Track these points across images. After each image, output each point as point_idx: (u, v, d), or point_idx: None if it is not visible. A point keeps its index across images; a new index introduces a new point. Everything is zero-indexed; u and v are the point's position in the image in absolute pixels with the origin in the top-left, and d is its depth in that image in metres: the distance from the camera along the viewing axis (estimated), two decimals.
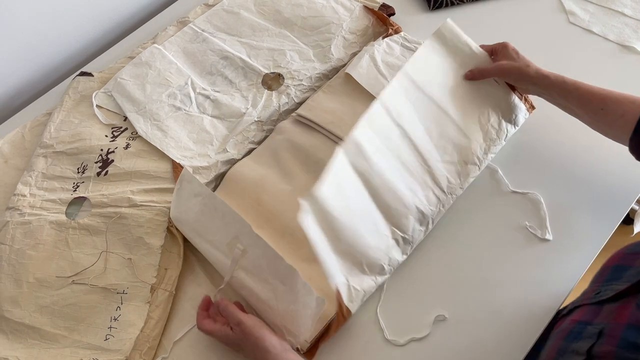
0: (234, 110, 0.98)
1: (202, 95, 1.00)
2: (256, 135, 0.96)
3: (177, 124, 0.96)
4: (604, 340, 0.56)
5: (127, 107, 0.98)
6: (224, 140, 0.95)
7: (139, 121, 0.96)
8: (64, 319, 0.80)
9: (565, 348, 0.60)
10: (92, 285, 0.81)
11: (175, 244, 0.86)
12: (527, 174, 0.92)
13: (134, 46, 1.11)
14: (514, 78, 0.89)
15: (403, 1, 1.17)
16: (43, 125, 1.01)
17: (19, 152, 0.99)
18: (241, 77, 1.02)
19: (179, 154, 0.93)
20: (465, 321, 0.80)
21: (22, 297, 0.81)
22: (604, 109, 0.80)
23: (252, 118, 0.96)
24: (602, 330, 0.57)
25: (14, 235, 0.86)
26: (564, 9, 1.15)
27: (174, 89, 1.00)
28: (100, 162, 0.93)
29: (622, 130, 0.79)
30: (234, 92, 1.00)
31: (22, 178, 0.93)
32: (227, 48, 1.06)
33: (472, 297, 0.82)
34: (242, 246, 0.78)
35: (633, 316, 0.56)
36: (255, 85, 1.01)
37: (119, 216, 0.86)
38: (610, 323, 0.58)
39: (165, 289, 0.82)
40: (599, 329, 0.58)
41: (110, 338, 0.78)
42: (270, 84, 1.01)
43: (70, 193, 0.90)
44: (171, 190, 0.89)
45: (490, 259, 0.85)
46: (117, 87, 1.01)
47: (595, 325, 0.59)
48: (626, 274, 0.62)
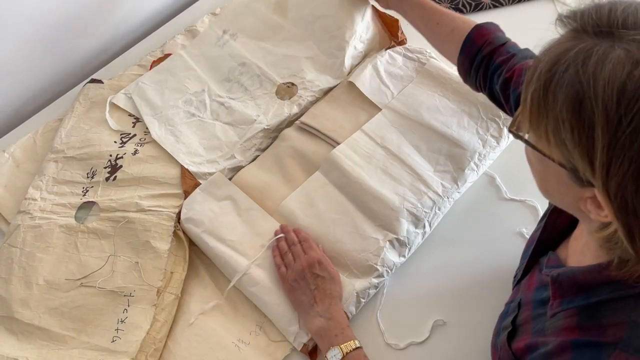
0: (246, 117, 0.96)
1: (216, 102, 0.99)
2: (263, 142, 0.95)
3: (190, 129, 0.95)
4: (523, 308, 0.63)
5: (145, 111, 0.97)
6: (232, 146, 0.94)
7: (154, 125, 0.95)
8: (73, 320, 0.79)
9: (499, 328, 0.67)
10: (100, 288, 0.81)
11: (181, 247, 0.85)
12: (524, 181, 0.91)
13: (142, 54, 1.10)
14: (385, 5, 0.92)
15: None
16: (54, 130, 1.00)
17: (31, 157, 0.98)
18: (257, 85, 1.01)
19: (189, 160, 0.92)
20: (464, 326, 0.79)
21: (32, 299, 0.80)
22: (439, 23, 0.84)
23: (262, 125, 0.95)
24: (520, 302, 0.65)
25: (25, 239, 0.85)
26: None
27: (190, 95, 0.99)
28: (109, 167, 0.92)
29: (452, 47, 0.83)
30: (248, 100, 0.99)
31: (33, 182, 0.92)
32: (245, 54, 1.03)
33: (471, 302, 0.81)
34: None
35: (537, 279, 0.64)
36: (269, 94, 0.99)
37: (126, 220, 0.85)
38: (525, 293, 0.65)
39: (171, 292, 0.81)
40: (517, 302, 0.65)
41: (117, 340, 0.77)
42: (283, 94, 1.00)
43: (79, 197, 0.89)
44: (178, 195, 0.88)
45: (489, 264, 0.84)
46: (138, 91, 1.00)
47: (515, 301, 0.66)
48: (529, 251, 0.69)
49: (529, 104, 0.46)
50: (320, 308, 0.75)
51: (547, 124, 0.45)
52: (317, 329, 0.74)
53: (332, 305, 0.75)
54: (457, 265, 0.84)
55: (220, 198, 0.87)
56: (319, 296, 0.76)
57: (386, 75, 0.99)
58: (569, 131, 0.42)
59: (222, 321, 0.80)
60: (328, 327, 0.73)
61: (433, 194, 0.86)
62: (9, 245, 0.85)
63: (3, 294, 0.80)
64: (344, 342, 0.72)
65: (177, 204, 0.87)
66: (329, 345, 0.72)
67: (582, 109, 0.41)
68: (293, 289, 0.78)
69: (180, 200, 0.87)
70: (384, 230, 0.83)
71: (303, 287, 0.77)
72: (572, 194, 0.48)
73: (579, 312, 0.53)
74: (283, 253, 0.81)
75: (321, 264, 0.78)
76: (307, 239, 0.82)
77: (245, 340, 0.78)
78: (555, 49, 0.44)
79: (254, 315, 0.81)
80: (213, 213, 0.85)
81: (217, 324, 0.80)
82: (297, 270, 0.78)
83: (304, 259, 0.79)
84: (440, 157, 0.89)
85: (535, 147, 0.48)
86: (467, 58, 0.80)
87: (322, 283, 0.77)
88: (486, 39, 0.78)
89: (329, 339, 0.73)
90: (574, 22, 0.44)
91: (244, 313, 0.81)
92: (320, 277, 0.77)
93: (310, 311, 0.75)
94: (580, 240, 0.61)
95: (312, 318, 0.75)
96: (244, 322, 0.80)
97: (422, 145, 0.91)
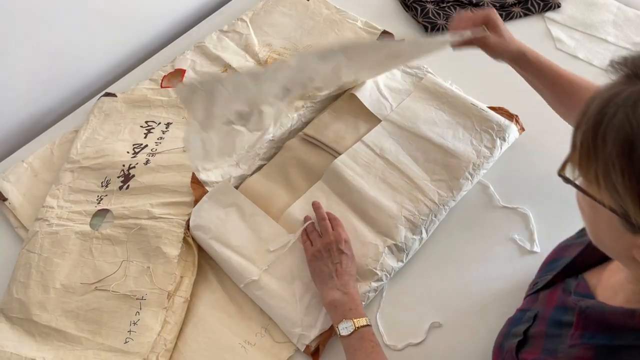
0: (264, 126, 0.95)
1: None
2: (266, 152, 0.97)
3: (218, 136, 0.90)
4: (538, 322, 0.62)
5: (198, 113, 0.83)
6: (240, 155, 0.95)
7: (193, 126, 0.84)
8: (88, 322, 0.81)
9: (508, 333, 0.66)
10: (113, 292, 0.82)
11: (190, 253, 0.87)
12: (516, 190, 0.93)
13: (154, 69, 1.13)
14: (496, 54, 0.85)
15: (402, 28, 1.18)
16: (70, 142, 1.02)
17: (48, 167, 1.00)
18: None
19: (201, 165, 0.93)
20: (459, 328, 0.80)
21: (49, 302, 0.82)
22: (569, 94, 0.80)
23: (269, 137, 0.97)
24: (537, 314, 0.63)
25: (43, 245, 0.87)
26: (551, 36, 1.15)
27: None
28: (122, 176, 0.94)
29: (569, 109, 0.81)
30: (271, 110, 0.94)
31: (51, 191, 0.94)
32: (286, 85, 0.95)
33: (466, 305, 0.82)
34: (272, 248, 0.84)
35: (560, 299, 0.62)
36: (288, 105, 0.99)
37: (139, 227, 0.87)
38: (543, 307, 0.63)
39: (181, 296, 0.83)
40: (534, 313, 0.63)
41: (129, 341, 0.79)
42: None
43: (94, 205, 0.91)
44: (187, 203, 0.90)
45: (483, 269, 0.85)
46: (208, 86, 0.81)
47: (532, 311, 0.64)
48: (558, 264, 0.67)
49: (578, 147, 0.44)
50: (338, 282, 0.76)
51: (596, 167, 0.43)
52: (332, 300, 0.75)
53: (350, 282, 0.77)
54: (453, 270, 0.85)
55: (226, 205, 0.89)
56: (339, 270, 0.77)
57: (385, 88, 1.01)
58: (620, 175, 0.41)
59: (229, 323, 0.82)
60: (343, 300, 0.74)
61: (429, 202, 0.87)
62: (27, 251, 0.87)
63: (22, 298, 0.82)
64: (356, 317, 0.72)
65: (186, 212, 0.89)
66: (341, 317, 0.73)
67: (633, 153, 0.40)
68: (316, 258, 0.80)
69: (189, 208, 0.89)
70: (383, 236, 0.85)
71: (326, 259, 0.79)
72: (624, 241, 0.46)
73: (598, 350, 0.51)
74: (309, 231, 0.84)
75: (347, 243, 0.81)
76: (337, 219, 0.84)
77: (251, 342, 0.80)
78: (604, 92, 0.43)
79: (259, 317, 0.82)
80: (219, 220, 0.87)
81: (224, 326, 0.81)
82: (324, 242, 0.80)
83: (333, 234, 0.81)
84: (437, 167, 0.91)
85: (585, 191, 0.46)
86: None
87: (344, 260, 0.79)
88: None
89: (343, 312, 0.73)
90: (625, 68, 0.44)
91: (249, 315, 0.82)
92: (345, 254, 0.79)
93: (328, 282, 0.77)
94: (614, 277, 0.58)
95: (329, 289, 0.76)
96: (250, 324, 0.81)
97: (419, 156, 0.93)
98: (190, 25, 1.24)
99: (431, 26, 1.16)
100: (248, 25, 1.18)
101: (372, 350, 0.70)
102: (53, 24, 1.00)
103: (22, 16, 0.94)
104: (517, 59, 0.84)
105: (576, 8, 1.20)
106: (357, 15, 1.19)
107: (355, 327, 0.71)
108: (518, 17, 1.18)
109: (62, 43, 1.04)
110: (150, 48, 1.22)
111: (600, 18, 1.17)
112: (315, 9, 1.21)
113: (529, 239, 0.87)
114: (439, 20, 1.17)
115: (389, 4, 1.23)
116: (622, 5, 1.20)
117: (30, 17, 0.95)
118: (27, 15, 0.94)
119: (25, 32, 0.96)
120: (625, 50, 1.05)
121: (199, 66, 1.12)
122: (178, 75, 1.11)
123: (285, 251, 0.84)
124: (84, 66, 1.12)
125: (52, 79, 1.07)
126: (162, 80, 1.10)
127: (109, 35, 1.12)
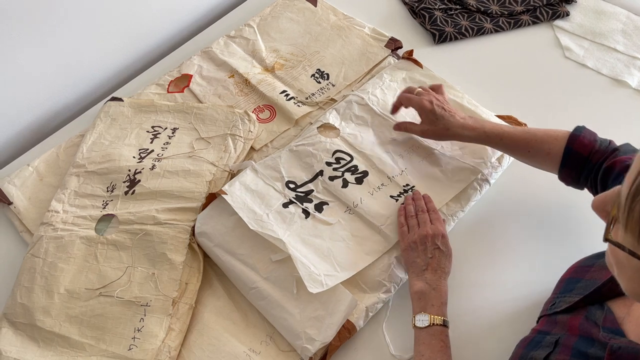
0: None
1: None
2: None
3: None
4: (559, 349, 0.59)
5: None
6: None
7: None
8: (92, 328, 0.80)
9: (525, 355, 0.62)
10: (118, 298, 0.81)
11: (195, 259, 0.86)
12: (524, 199, 0.92)
13: (160, 74, 1.12)
14: (437, 139, 0.91)
15: (410, 35, 1.17)
16: (76, 146, 1.02)
17: (54, 171, 0.99)
18: None
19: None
20: (465, 338, 0.79)
21: (53, 307, 0.81)
22: (531, 151, 0.82)
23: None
24: (558, 340, 0.60)
25: (47, 249, 0.86)
26: (560, 44, 1.15)
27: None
28: (128, 181, 0.93)
29: (551, 166, 0.82)
30: None
31: (56, 195, 0.93)
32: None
33: (475, 318, 0.81)
34: (275, 259, 0.82)
35: (583, 327, 0.59)
36: None
37: (144, 233, 0.86)
38: (565, 333, 0.61)
39: (186, 302, 0.82)
40: (555, 339, 0.61)
41: (133, 348, 0.78)
42: None
43: (99, 210, 0.91)
44: (193, 209, 0.89)
45: (490, 278, 0.84)
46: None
47: (552, 335, 0.62)
48: (577, 285, 0.65)
49: (627, 213, 0.42)
50: (429, 276, 0.76)
51: None
52: (419, 291, 0.75)
53: (441, 279, 0.76)
54: (461, 280, 0.84)
55: (232, 212, 0.87)
56: (432, 265, 0.77)
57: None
58: None
59: (233, 331, 0.81)
60: (429, 295, 0.74)
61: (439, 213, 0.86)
62: (32, 256, 0.86)
63: (26, 303, 0.81)
64: (436, 314, 0.72)
65: (192, 218, 0.88)
66: (422, 309, 0.73)
67: None
68: (411, 249, 0.79)
69: (195, 214, 0.88)
70: (392, 247, 0.84)
71: (420, 252, 0.78)
72: None
73: None
74: (409, 215, 0.83)
75: (444, 238, 0.80)
76: (437, 211, 0.84)
77: (256, 350, 0.79)
78: None
79: (264, 325, 0.81)
80: (225, 227, 0.86)
81: (229, 334, 0.80)
82: (421, 234, 0.79)
83: (431, 227, 0.80)
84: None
85: (635, 254, 0.43)
86: (573, 169, 0.79)
87: (439, 255, 0.78)
88: (591, 149, 0.76)
89: (425, 305, 0.74)
90: None
91: (254, 323, 0.81)
92: (440, 249, 0.79)
93: (420, 274, 0.77)
94: None
95: (419, 281, 0.76)
96: (255, 332, 0.80)
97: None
98: (197, 30, 1.24)
99: (439, 34, 1.15)
100: (255, 30, 1.18)
101: (439, 349, 0.70)
102: (60, 28, 0.99)
103: (29, 20, 0.93)
104: (473, 139, 0.86)
105: (585, 16, 1.19)
106: (365, 21, 1.18)
107: (430, 323, 0.72)
108: (526, 25, 1.18)
109: (69, 46, 1.03)
110: (157, 53, 1.21)
111: (609, 27, 1.17)
112: (323, 15, 1.20)
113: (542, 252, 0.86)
114: (447, 27, 1.16)
115: (397, 10, 1.23)
116: (632, 14, 1.19)
117: (37, 22, 0.95)
118: (34, 20, 0.94)
119: (32, 36, 0.96)
120: (635, 59, 1.04)
121: (206, 71, 1.12)
122: (184, 81, 1.10)
123: (290, 261, 0.82)
124: (91, 70, 1.12)
125: (58, 82, 1.07)
126: (168, 85, 1.10)
127: (116, 39, 1.12)
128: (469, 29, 1.16)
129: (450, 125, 0.85)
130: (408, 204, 0.85)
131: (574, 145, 0.78)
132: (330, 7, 1.22)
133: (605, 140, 0.78)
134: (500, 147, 0.86)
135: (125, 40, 1.14)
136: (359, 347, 0.79)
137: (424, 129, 0.88)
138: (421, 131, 0.89)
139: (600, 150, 0.76)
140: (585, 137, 0.78)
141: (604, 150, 0.76)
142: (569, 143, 0.78)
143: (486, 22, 1.18)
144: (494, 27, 1.17)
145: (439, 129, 0.86)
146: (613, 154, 0.74)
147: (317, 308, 0.78)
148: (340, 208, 0.88)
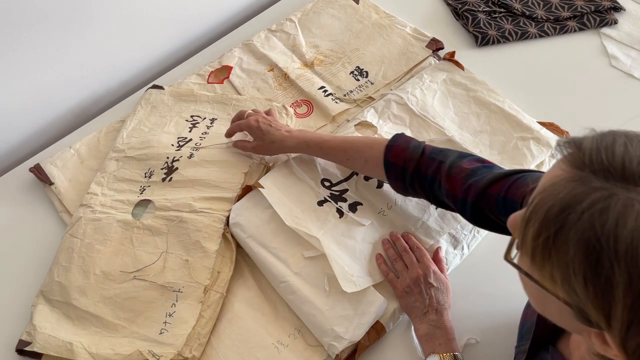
0: None
1: None
2: None
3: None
4: None
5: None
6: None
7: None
8: (125, 310, 0.81)
9: None
10: (151, 282, 0.83)
11: (228, 249, 0.86)
12: None
13: (201, 64, 1.13)
14: (268, 154, 0.93)
15: (452, 36, 1.16)
16: (117, 131, 1.03)
17: (94, 154, 1.01)
18: None
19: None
20: (496, 346, 0.78)
21: (89, 287, 0.83)
22: (349, 159, 0.83)
23: None
24: None
25: (85, 230, 0.88)
26: (606, 52, 1.12)
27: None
28: (166, 168, 0.94)
29: (377, 174, 0.82)
30: None
31: (96, 178, 0.95)
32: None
33: (504, 323, 0.79)
34: (307, 255, 0.82)
35: None
36: None
37: (179, 220, 0.87)
38: None
39: (217, 291, 0.82)
40: None
41: (164, 332, 0.79)
42: None
43: (137, 195, 0.92)
44: (229, 199, 0.90)
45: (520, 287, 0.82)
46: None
47: None
48: (524, 330, 0.67)
49: (530, 245, 0.41)
50: (431, 317, 0.76)
51: (553, 267, 0.40)
52: (425, 334, 0.75)
53: (443, 316, 0.76)
54: (492, 287, 0.83)
55: (267, 206, 0.87)
56: (432, 305, 0.76)
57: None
58: (582, 284, 0.38)
59: (262, 322, 0.81)
60: (435, 335, 0.74)
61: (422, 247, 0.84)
62: (70, 236, 0.88)
63: (63, 281, 0.83)
64: (444, 352, 0.72)
65: (227, 208, 0.88)
66: (431, 350, 0.73)
67: (599, 266, 0.37)
68: (406, 294, 0.78)
69: (230, 204, 0.89)
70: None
71: (417, 295, 0.77)
72: (575, 325, 0.44)
73: None
74: (393, 259, 0.82)
75: (435, 274, 0.79)
76: (420, 247, 0.82)
77: (284, 342, 0.79)
78: (562, 190, 0.39)
79: (293, 318, 0.81)
80: (259, 220, 0.86)
81: (258, 325, 0.81)
82: (413, 277, 0.78)
83: (420, 267, 0.79)
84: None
85: (538, 282, 0.43)
86: (397, 180, 0.79)
87: (435, 293, 0.77)
88: (404, 158, 0.76)
89: (432, 345, 0.74)
90: (579, 160, 0.40)
91: (283, 316, 0.82)
92: (434, 287, 0.78)
93: (422, 318, 0.76)
94: (581, 348, 0.57)
95: (422, 324, 0.76)
96: (283, 325, 0.81)
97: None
98: (239, 22, 1.24)
99: (482, 36, 1.13)
100: (296, 25, 1.18)
101: None
102: (106, 14, 1.01)
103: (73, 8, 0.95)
104: (295, 149, 0.89)
105: (634, 25, 1.16)
106: (407, 21, 1.17)
107: None
108: (573, 31, 1.15)
109: (112, 33, 1.05)
110: (198, 43, 1.22)
111: None
112: (365, 13, 1.20)
113: None
114: (490, 30, 1.14)
115: (439, 11, 1.21)
116: None
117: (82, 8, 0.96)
118: (79, 7, 0.95)
119: (80, 23, 0.98)
120: None
121: (246, 64, 1.12)
122: (225, 72, 1.11)
123: (321, 259, 0.81)
124: (133, 57, 1.13)
125: (101, 68, 1.09)
126: (208, 75, 1.11)
127: (159, 27, 1.13)
128: (513, 32, 1.14)
129: (275, 139, 0.89)
130: (388, 249, 0.83)
131: (389, 157, 0.78)
132: (372, 5, 1.21)
133: (418, 146, 0.76)
134: (321, 155, 0.88)
135: (169, 28, 1.15)
136: (386, 348, 0.79)
137: (254, 145, 0.92)
138: (252, 147, 0.92)
139: (412, 157, 0.75)
140: (400, 146, 0.77)
141: (416, 156, 0.75)
142: (385, 155, 0.78)
143: (530, 27, 1.15)
144: (538, 32, 1.15)
145: (267, 144, 0.90)
146: (440, 165, 0.73)
147: (346, 307, 0.78)
148: (374, 209, 0.87)
